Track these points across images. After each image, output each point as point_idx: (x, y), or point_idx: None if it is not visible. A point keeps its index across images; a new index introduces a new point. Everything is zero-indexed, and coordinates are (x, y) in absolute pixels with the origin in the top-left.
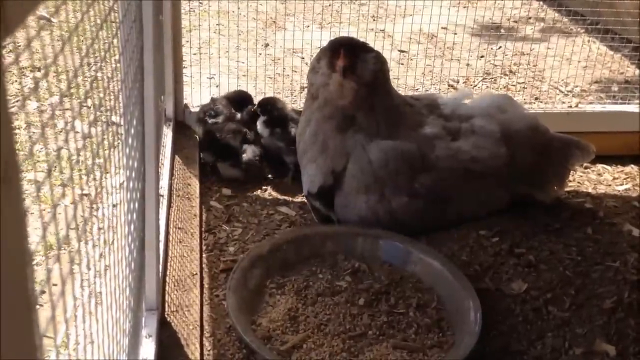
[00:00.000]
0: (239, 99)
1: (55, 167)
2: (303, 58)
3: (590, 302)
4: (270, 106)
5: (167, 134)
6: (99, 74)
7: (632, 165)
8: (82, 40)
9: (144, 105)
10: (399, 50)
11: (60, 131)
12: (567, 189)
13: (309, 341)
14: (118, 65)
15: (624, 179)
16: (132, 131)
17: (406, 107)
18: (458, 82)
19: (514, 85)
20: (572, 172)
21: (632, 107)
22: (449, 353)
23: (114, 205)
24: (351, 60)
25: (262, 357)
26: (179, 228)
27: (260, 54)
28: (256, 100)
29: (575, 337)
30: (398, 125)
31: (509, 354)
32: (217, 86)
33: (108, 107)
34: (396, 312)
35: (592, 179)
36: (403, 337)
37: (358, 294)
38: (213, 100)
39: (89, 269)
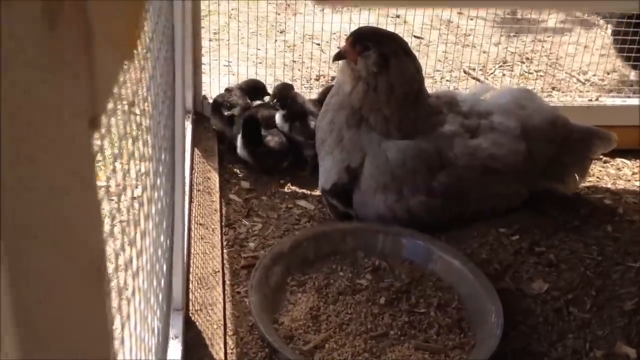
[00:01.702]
0: (253, 88)
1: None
2: (319, 44)
3: (611, 303)
4: (290, 100)
5: (187, 127)
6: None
7: None
8: None
9: (174, 95)
10: (414, 36)
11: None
12: (587, 184)
13: (331, 341)
14: (148, 54)
15: None
16: (162, 124)
17: (425, 105)
18: (474, 69)
19: (530, 74)
20: (591, 165)
21: None
22: (470, 355)
23: (136, 199)
24: (355, 48)
25: (285, 357)
26: (201, 224)
27: (276, 40)
28: (270, 89)
29: (596, 339)
30: (414, 125)
31: (529, 355)
32: (233, 74)
33: (137, 97)
34: (417, 311)
35: (611, 174)
36: (424, 338)
37: (379, 293)
38: (228, 90)
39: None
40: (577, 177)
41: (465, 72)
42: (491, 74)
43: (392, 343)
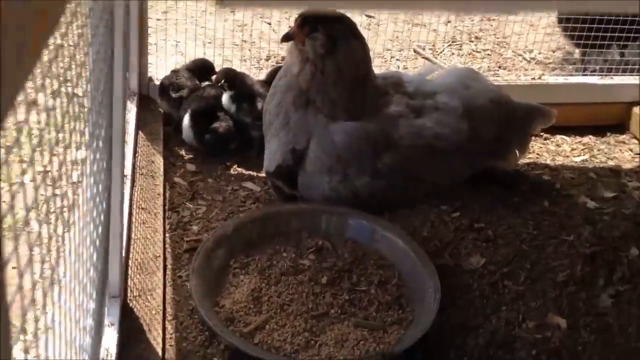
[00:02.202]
0: (202, 69)
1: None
2: (270, 24)
3: (545, 275)
4: (238, 81)
5: (131, 109)
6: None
7: (590, 136)
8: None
9: (112, 75)
10: (366, 15)
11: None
12: (527, 160)
13: (272, 322)
14: (84, 30)
15: (582, 149)
16: (98, 105)
17: (372, 87)
18: (424, 48)
19: (478, 52)
20: (532, 142)
21: (591, 79)
22: (408, 330)
23: (74, 184)
24: (303, 29)
25: (224, 339)
26: (142, 208)
27: (226, 19)
28: (217, 65)
29: (529, 311)
30: (361, 106)
31: (466, 329)
32: (182, 54)
33: (72, 78)
34: (358, 289)
35: (551, 150)
36: (364, 315)
37: (321, 273)
38: (174, 72)
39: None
40: (517, 153)
41: (415, 51)
42: (440, 52)
43: (332, 321)
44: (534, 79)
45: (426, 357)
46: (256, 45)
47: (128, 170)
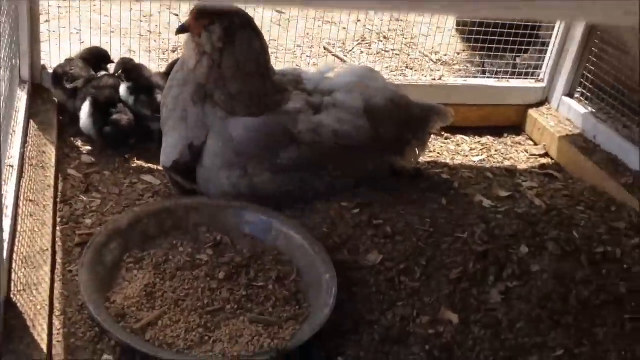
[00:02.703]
0: (97, 58)
1: None
2: (177, 15)
3: (439, 272)
4: (136, 73)
5: (22, 98)
6: None
7: (489, 137)
8: None
9: None
10: (276, 11)
11: None
12: (427, 159)
13: (165, 317)
14: None
15: (480, 149)
16: None
17: (270, 83)
18: (334, 46)
19: (387, 52)
20: (431, 142)
21: (490, 81)
22: (303, 326)
23: None
24: (199, 21)
25: (114, 336)
26: (30, 200)
27: (131, 9)
28: (118, 55)
29: (423, 306)
30: (260, 102)
31: (362, 324)
32: (83, 43)
33: None
34: (255, 285)
35: (451, 150)
36: (260, 311)
37: (219, 268)
38: (68, 61)
39: None
40: (417, 151)
41: (325, 48)
42: (350, 51)
43: (228, 317)
44: (434, 79)
45: (322, 353)
46: (162, 36)
47: (15, 161)
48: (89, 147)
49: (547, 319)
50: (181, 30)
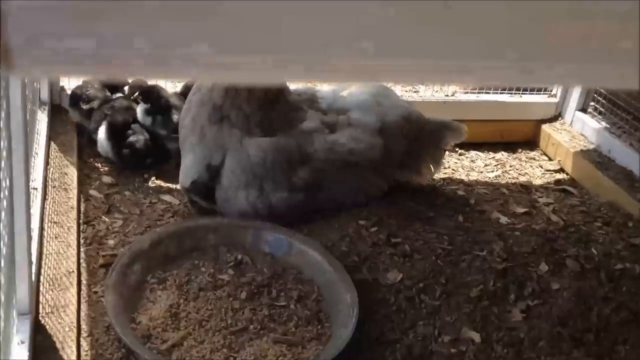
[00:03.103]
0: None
1: None
2: None
3: (459, 290)
4: (154, 95)
5: (42, 119)
6: None
7: (503, 152)
8: None
9: (8, 85)
10: None
11: None
12: (442, 176)
13: (190, 338)
14: None
15: (495, 165)
16: None
17: (286, 103)
18: None
19: None
20: (446, 158)
21: (502, 97)
22: (326, 346)
23: None
24: None
25: (141, 357)
26: (55, 222)
27: None
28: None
29: (444, 325)
30: (275, 122)
31: (383, 344)
32: None
33: None
34: (277, 304)
35: (465, 166)
36: (283, 331)
37: (240, 288)
38: (85, 83)
39: None
40: (431, 168)
41: None
42: None
43: (251, 337)
44: (447, 95)
45: None
46: None
47: (39, 183)
48: (107, 168)
49: (569, 337)
50: None
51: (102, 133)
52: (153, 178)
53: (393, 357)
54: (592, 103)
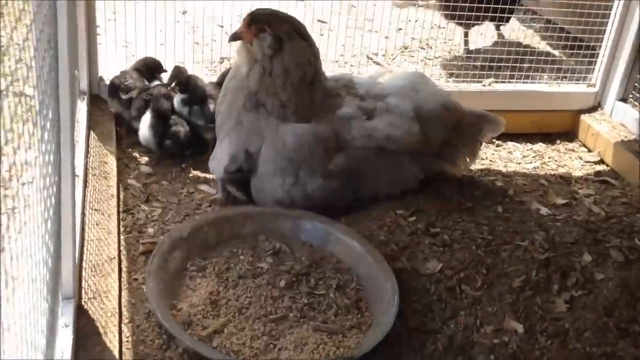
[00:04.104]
0: (150, 68)
1: None
2: (222, 27)
3: (500, 280)
4: (191, 85)
5: (82, 109)
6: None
7: (541, 144)
8: None
9: (58, 75)
10: (319, 21)
11: None
12: (479, 167)
13: (230, 325)
14: (29, 32)
15: (533, 157)
16: (46, 104)
17: (322, 89)
18: (377, 54)
19: (430, 59)
20: (483, 149)
21: (540, 87)
22: (366, 334)
23: (23, 185)
24: (251, 29)
25: (182, 343)
26: (96, 209)
27: (178, 21)
28: (168, 67)
29: (486, 315)
30: (311, 108)
31: (424, 332)
32: (133, 55)
33: (18, 78)
34: (316, 293)
35: (503, 157)
36: (323, 319)
37: (279, 276)
38: (123, 73)
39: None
40: (467, 159)
41: (368, 57)
42: (393, 59)
43: (291, 325)
44: (484, 85)
45: None
46: (209, 47)
47: (80, 171)
48: (146, 158)
49: (615, 327)
50: (234, 37)
51: (145, 121)
52: (190, 168)
53: (434, 346)
54: (632, 92)
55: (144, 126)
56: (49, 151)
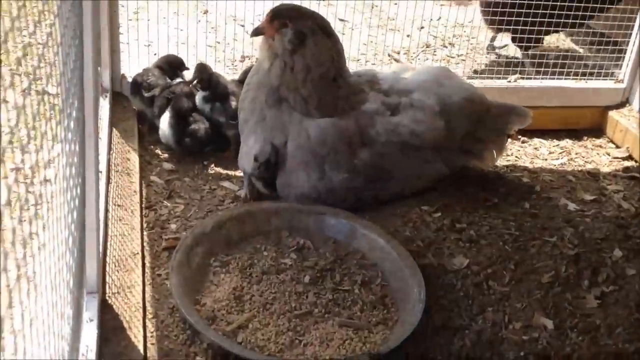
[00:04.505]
0: (172, 65)
1: None
2: (243, 26)
3: (529, 276)
4: (213, 82)
5: (104, 106)
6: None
7: (567, 140)
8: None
9: (82, 73)
10: (340, 19)
11: None
12: (506, 163)
13: (255, 321)
14: (53, 29)
15: (560, 153)
16: (70, 102)
17: (345, 85)
18: (399, 53)
19: (453, 57)
20: (508, 146)
21: (567, 83)
22: (393, 330)
23: (47, 181)
24: (273, 24)
25: (207, 338)
26: (119, 205)
27: (200, 20)
28: (189, 65)
29: (514, 312)
30: (334, 104)
31: (451, 329)
32: (155, 54)
33: (42, 76)
34: (341, 289)
35: (529, 153)
36: (348, 315)
37: (303, 272)
38: (145, 71)
39: (24, 248)
40: (494, 153)
41: (389, 55)
42: (415, 57)
43: (316, 321)
44: (510, 81)
45: (412, 358)
46: (230, 46)
47: (103, 167)
48: (167, 155)
49: None
50: (256, 32)
51: (164, 120)
52: (212, 165)
53: (462, 342)
54: None
55: (164, 124)
56: (73, 147)
